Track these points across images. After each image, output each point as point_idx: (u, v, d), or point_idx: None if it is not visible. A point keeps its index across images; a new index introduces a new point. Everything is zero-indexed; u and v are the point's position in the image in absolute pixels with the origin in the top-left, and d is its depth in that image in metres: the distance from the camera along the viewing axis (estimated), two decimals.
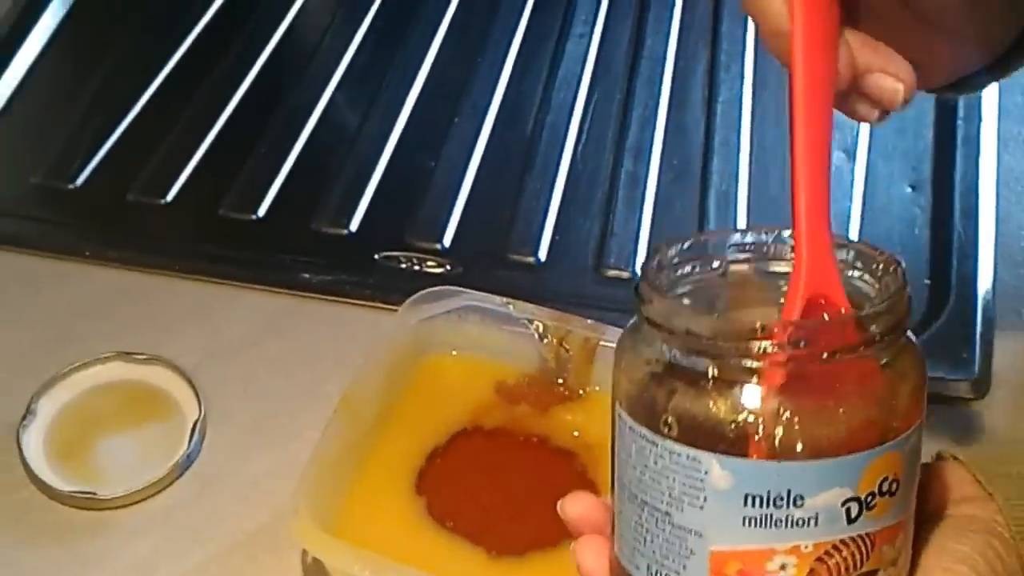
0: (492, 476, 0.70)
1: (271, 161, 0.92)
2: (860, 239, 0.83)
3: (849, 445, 0.40)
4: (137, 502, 0.72)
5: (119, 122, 0.95)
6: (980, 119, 0.90)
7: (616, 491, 0.44)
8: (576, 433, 0.72)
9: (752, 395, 0.40)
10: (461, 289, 0.74)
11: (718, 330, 0.40)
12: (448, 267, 0.85)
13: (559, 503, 0.49)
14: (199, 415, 0.75)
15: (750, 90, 0.95)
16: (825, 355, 0.40)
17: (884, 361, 0.41)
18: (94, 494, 0.72)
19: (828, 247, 0.44)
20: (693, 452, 0.40)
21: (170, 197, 0.90)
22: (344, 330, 0.81)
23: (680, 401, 0.40)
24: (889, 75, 0.48)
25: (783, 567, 0.41)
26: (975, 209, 0.84)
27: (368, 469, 0.70)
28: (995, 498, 0.46)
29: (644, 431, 0.41)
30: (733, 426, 0.40)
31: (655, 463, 0.41)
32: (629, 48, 0.99)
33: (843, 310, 0.43)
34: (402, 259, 0.85)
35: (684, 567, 0.41)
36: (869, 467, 0.40)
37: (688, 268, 0.46)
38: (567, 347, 0.73)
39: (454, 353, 0.74)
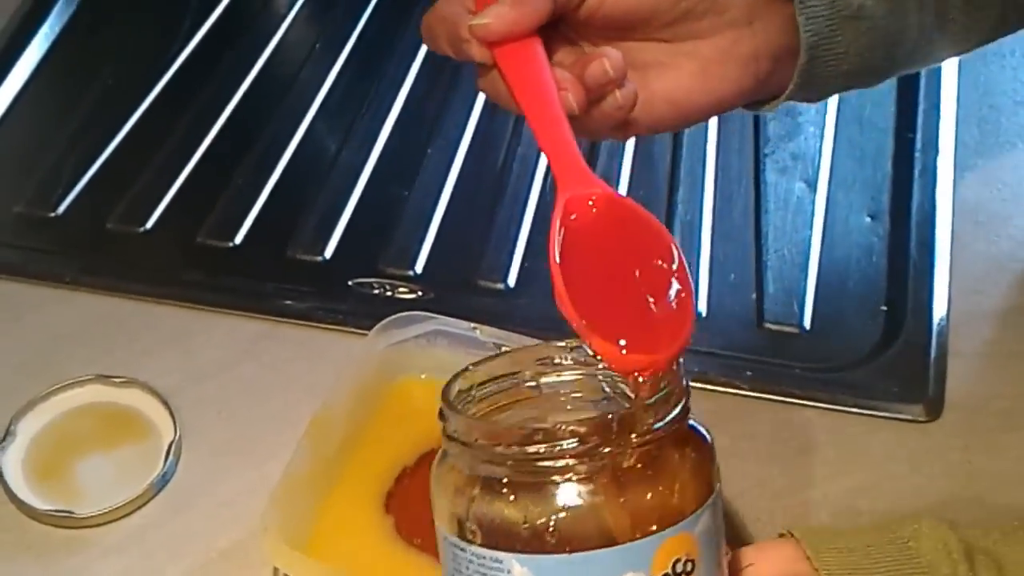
0: None
1: (249, 190, 0.95)
2: (820, 266, 0.87)
3: (635, 532, 0.42)
4: (113, 520, 0.74)
5: (100, 152, 0.98)
6: (937, 151, 0.92)
7: None
8: None
9: (539, 495, 0.43)
10: (429, 314, 0.76)
11: (504, 438, 0.43)
12: (420, 293, 0.87)
13: None
14: (175, 436, 0.77)
15: (715, 123, 0.97)
16: (603, 450, 0.42)
17: (662, 449, 0.44)
18: (71, 512, 0.74)
19: (575, 158, 0.54)
20: (495, 554, 0.43)
21: (149, 225, 0.92)
22: (318, 354, 0.83)
23: (479, 507, 0.44)
24: (595, 60, 0.56)
25: None
26: (931, 238, 0.87)
27: (338, 489, 0.72)
28: (820, 572, 0.49)
29: (455, 539, 0.45)
30: (526, 526, 0.43)
31: (467, 568, 0.45)
32: None
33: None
34: (375, 285, 0.88)
35: None
36: (659, 551, 0.43)
37: (492, 387, 0.51)
38: None
39: (423, 376, 0.77)
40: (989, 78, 0.98)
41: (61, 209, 0.94)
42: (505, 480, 0.43)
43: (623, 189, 0.93)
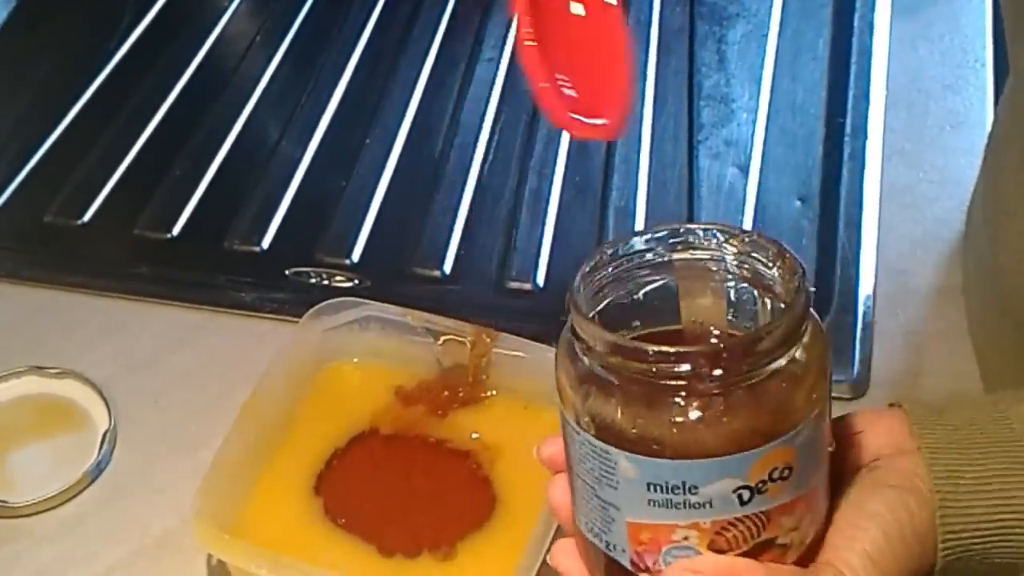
0: (388, 477, 0.73)
1: (187, 182, 0.95)
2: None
3: (737, 446, 0.45)
4: (48, 509, 0.75)
5: (38, 146, 0.98)
6: (866, 136, 0.94)
7: (565, 458, 0.50)
8: (474, 435, 0.75)
9: (650, 406, 0.45)
10: (361, 300, 0.77)
11: (624, 350, 0.45)
12: (356, 281, 0.88)
13: (535, 448, 0.53)
14: (109, 425, 0.77)
15: (650, 110, 0.98)
16: (713, 375, 0.44)
17: (774, 369, 0.45)
18: (5, 502, 0.74)
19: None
20: (605, 447, 0.46)
21: (87, 218, 0.93)
22: (254, 343, 0.84)
23: (594, 404, 0.46)
24: None
25: (686, 538, 0.47)
26: (859, 220, 0.88)
27: (269, 472, 0.72)
28: (922, 452, 0.50)
29: (571, 422, 0.48)
30: (634, 430, 0.45)
31: (580, 448, 0.48)
32: None
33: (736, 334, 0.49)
34: (312, 274, 0.89)
35: (609, 530, 0.48)
36: (757, 462, 0.45)
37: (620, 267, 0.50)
38: (464, 355, 0.76)
39: (355, 361, 0.77)
40: (919, 63, 0.99)
41: None
42: (618, 387, 0.46)
43: (558, 176, 0.94)
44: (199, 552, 0.72)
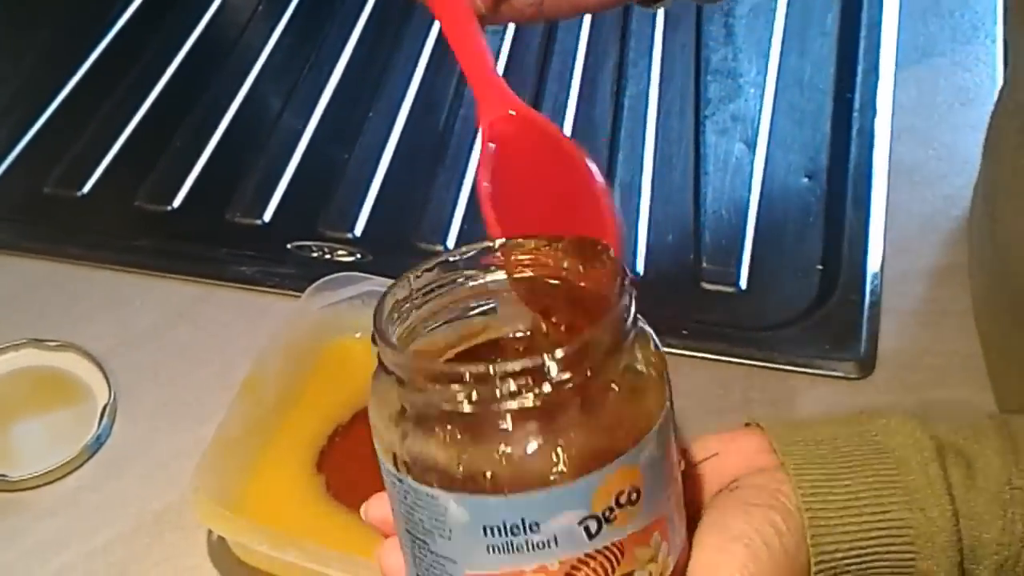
0: None
1: (188, 153, 0.94)
2: (757, 226, 0.87)
3: (573, 472, 0.40)
4: (47, 483, 0.74)
5: (38, 116, 0.97)
6: (875, 112, 0.93)
7: (392, 516, 0.45)
8: None
9: (472, 436, 0.40)
10: (363, 275, 0.76)
11: (438, 375, 0.40)
12: (359, 255, 0.87)
13: (362, 507, 0.49)
14: (109, 399, 0.77)
15: (656, 85, 0.97)
16: (542, 389, 0.40)
17: (600, 384, 0.41)
18: (5, 476, 0.73)
19: (495, 81, 0.54)
20: (431, 491, 0.41)
21: (87, 189, 0.92)
22: (255, 317, 0.83)
23: (412, 443, 0.41)
24: None
25: None
26: (867, 198, 0.87)
27: (271, 448, 0.72)
28: (785, 466, 0.47)
29: (391, 468, 0.43)
30: (459, 467, 0.40)
31: (405, 498, 0.42)
32: (541, 44, 1.02)
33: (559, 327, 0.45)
34: (314, 248, 0.88)
35: None
36: (601, 488, 0.41)
37: (432, 295, 0.47)
38: None
39: (358, 336, 0.77)
40: (928, 39, 0.98)
41: None
42: (437, 419, 0.40)
43: None
44: (199, 528, 0.71)
